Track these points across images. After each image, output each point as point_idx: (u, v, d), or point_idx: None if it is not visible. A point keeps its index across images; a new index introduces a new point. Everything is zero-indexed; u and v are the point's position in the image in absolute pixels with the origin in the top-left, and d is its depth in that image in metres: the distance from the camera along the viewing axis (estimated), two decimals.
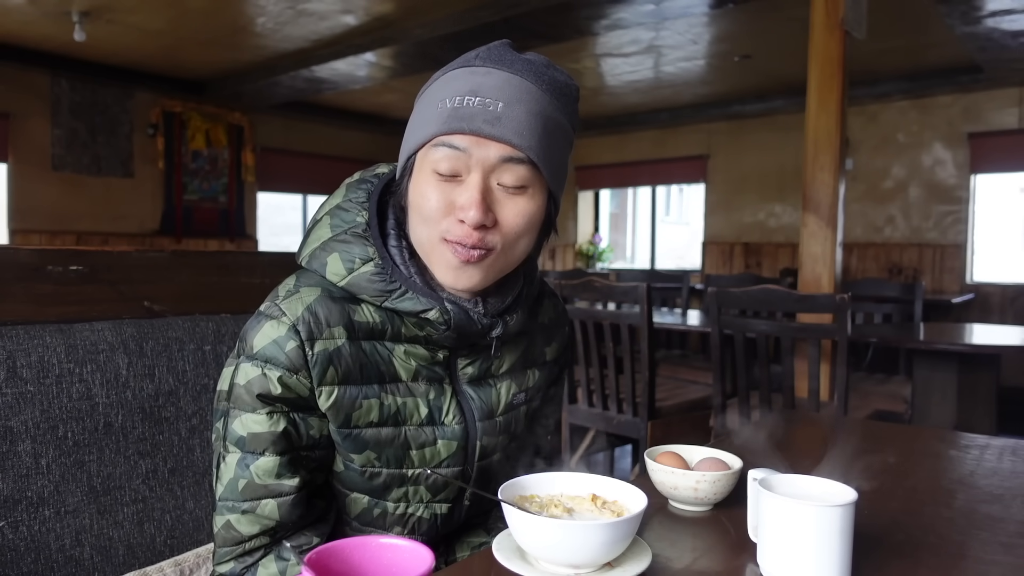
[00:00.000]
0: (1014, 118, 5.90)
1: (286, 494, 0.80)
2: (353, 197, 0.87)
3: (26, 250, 1.00)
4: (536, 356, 0.98)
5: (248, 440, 0.79)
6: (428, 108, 0.80)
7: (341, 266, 0.81)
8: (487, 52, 0.81)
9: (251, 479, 0.79)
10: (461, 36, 4.85)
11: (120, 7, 4.76)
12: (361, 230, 0.83)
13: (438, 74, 0.83)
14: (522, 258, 0.85)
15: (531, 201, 0.80)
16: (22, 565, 0.87)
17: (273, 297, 0.83)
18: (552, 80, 0.81)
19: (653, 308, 3.03)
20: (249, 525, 0.80)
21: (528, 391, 0.96)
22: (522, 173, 0.78)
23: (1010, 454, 1.13)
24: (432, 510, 0.89)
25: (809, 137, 3.14)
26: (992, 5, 4.10)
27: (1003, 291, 6.01)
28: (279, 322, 0.79)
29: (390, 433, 0.84)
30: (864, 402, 2.90)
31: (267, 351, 0.79)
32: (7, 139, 5.98)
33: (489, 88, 0.77)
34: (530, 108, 0.77)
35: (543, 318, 1.00)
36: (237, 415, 0.80)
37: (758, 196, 7.27)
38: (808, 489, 0.72)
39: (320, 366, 0.79)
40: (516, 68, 0.79)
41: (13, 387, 0.88)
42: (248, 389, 0.79)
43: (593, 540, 0.65)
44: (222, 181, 7.35)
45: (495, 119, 0.76)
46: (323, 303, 0.81)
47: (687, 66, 5.98)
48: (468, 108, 0.76)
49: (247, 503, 0.80)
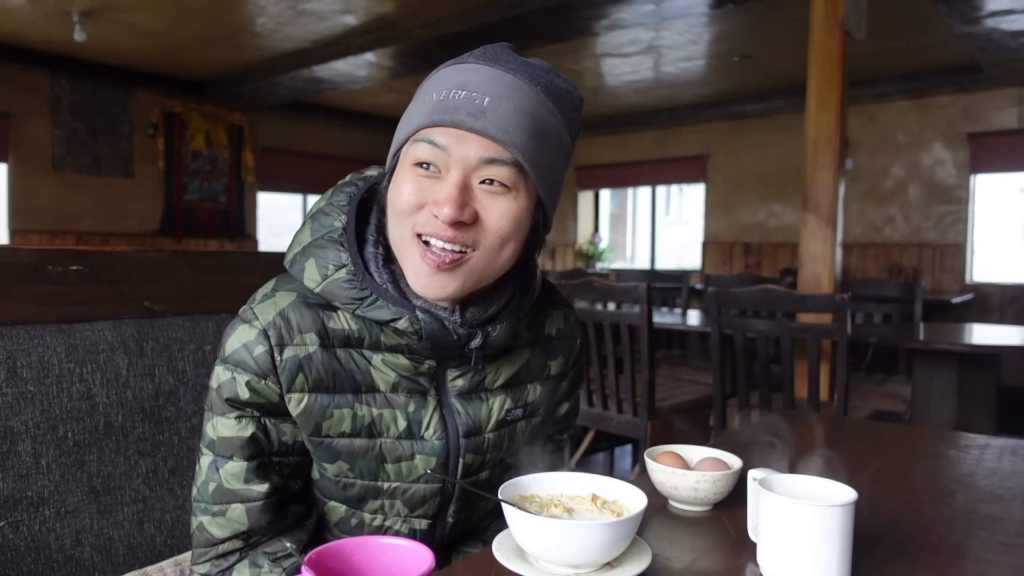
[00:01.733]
0: (1014, 118, 5.90)
1: (254, 499, 0.79)
2: (335, 201, 0.84)
3: (26, 250, 1.00)
4: (538, 370, 0.92)
5: (218, 443, 0.79)
6: (416, 104, 0.79)
7: (316, 272, 0.79)
8: (482, 51, 0.80)
9: (220, 482, 0.79)
10: (461, 36, 4.85)
11: (120, 7, 4.76)
12: (337, 235, 0.81)
13: (432, 72, 0.82)
14: (506, 266, 0.80)
15: (515, 203, 0.76)
16: (22, 565, 0.87)
17: (251, 301, 0.82)
18: (550, 84, 0.78)
19: (653, 308, 3.03)
20: (219, 528, 0.80)
21: (527, 407, 0.90)
22: (505, 173, 0.74)
23: (1010, 454, 1.13)
24: (411, 524, 0.87)
25: (809, 137, 3.14)
26: (992, 5, 4.09)
27: (1003, 291, 6.00)
28: (251, 326, 0.78)
29: (364, 444, 0.81)
30: (864, 402, 2.90)
31: (237, 355, 0.78)
32: (7, 139, 5.98)
33: (477, 83, 0.75)
34: (519, 105, 0.74)
35: (550, 329, 0.94)
36: (211, 417, 0.80)
37: (758, 196, 7.27)
38: (808, 489, 0.72)
39: (289, 372, 0.77)
40: (510, 67, 0.77)
41: (13, 387, 0.88)
42: (219, 393, 0.79)
43: (593, 540, 0.65)
44: (222, 181, 7.35)
45: (479, 112, 0.73)
46: (296, 309, 0.79)
47: (687, 66, 5.98)
48: (453, 101, 0.74)
49: (217, 506, 0.80)
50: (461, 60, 0.80)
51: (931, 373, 2.86)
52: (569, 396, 1.01)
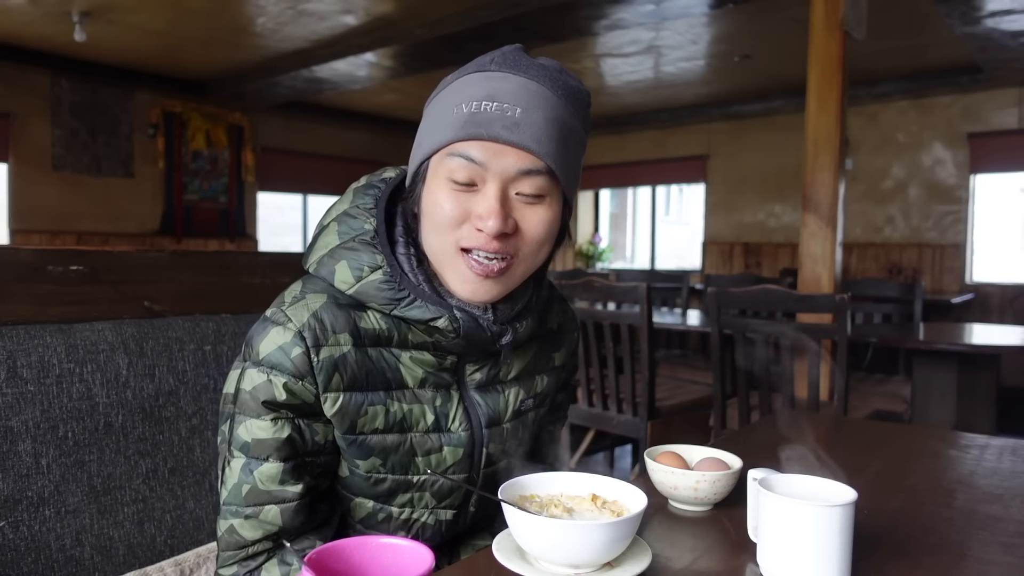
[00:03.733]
0: (1014, 118, 5.90)
1: (289, 500, 0.79)
2: (360, 203, 0.86)
3: (26, 250, 1.00)
4: (544, 362, 0.97)
5: (253, 446, 0.79)
6: (442, 113, 0.78)
7: (349, 274, 0.80)
8: (502, 57, 0.79)
9: (255, 484, 0.79)
10: (461, 36, 4.86)
11: (120, 7, 4.76)
12: (369, 237, 0.82)
13: (450, 78, 0.81)
14: (539, 267, 0.84)
15: (549, 209, 0.79)
16: (22, 565, 0.87)
17: (279, 303, 0.82)
18: (566, 86, 0.80)
19: (653, 308, 3.03)
20: (252, 530, 0.80)
21: (536, 397, 0.95)
22: (541, 183, 0.77)
23: (1010, 454, 1.13)
24: (437, 516, 0.89)
25: (809, 137, 3.15)
26: (992, 5, 4.10)
27: (1003, 291, 6.01)
28: (285, 328, 0.79)
29: (395, 440, 0.83)
30: (864, 402, 2.90)
31: (273, 357, 0.78)
32: (7, 139, 5.98)
33: (506, 93, 0.76)
34: (547, 115, 0.76)
35: (551, 323, 0.99)
36: (242, 420, 0.80)
37: (758, 196, 7.27)
38: (808, 489, 0.72)
39: (326, 372, 0.79)
40: (532, 73, 0.78)
41: (13, 387, 0.88)
42: (253, 395, 0.79)
43: (593, 540, 0.65)
44: (222, 181, 7.35)
45: (513, 125, 0.74)
46: (329, 310, 0.80)
47: (687, 66, 5.98)
48: (486, 113, 0.75)
49: (250, 508, 0.80)
50: (482, 67, 0.79)
51: (931, 373, 2.86)
52: (565, 386, 1.05)
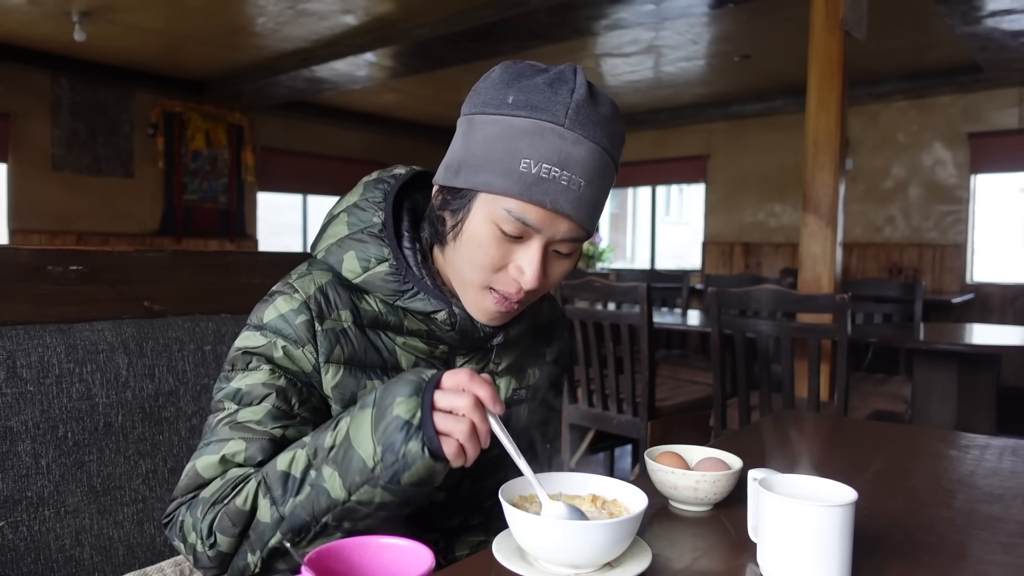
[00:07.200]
0: (1014, 118, 5.90)
1: (259, 437, 0.77)
2: (370, 196, 0.88)
3: (26, 250, 1.00)
4: (536, 355, 0.99)
5: (244, 391, 0.79)
6: (506, 155, 0.75)
7: (357, 264, 0.84)
8: (576, 111, 0.75)
9: (233, 419, 0.78)
10: (461, 36, 4.86)
11: (120, 7, 4.76)
12: (377, 230, 0.85)
13: (518, 108, 0.75)
14: None
15: (572, 258, 0.83)
16: (22, 565, 0.87)
17: (286, 279, 0.86)
18: (620, 137, 0.80)
19: (653, 308, 3.03)
20: (207, 464, 0.77)
21: (529, 389, 0.97)
22: (577, 245, 0.81)
23: (1010, 454, 1.13)
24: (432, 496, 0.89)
25: (809, 137, 3.15)
26: (992, 5, 4.10)
27: (1003, 291, 6.01)
28: (291, 297, 0.82)
29: None
30: (864, 402, 2.90)
31: (275, 323, 0.81)
32: (7, 139, 5.98)
33: (576, 164, 0.75)
34: (604, 186, 0.79)
35: (541, 318, 1.01)
36: (235, 376, 0.81)
37: (758, 196, 7.27)
38: (808, 489, 0.72)
39: (328, 342, 0.81)
40: (599, 134, 0.76)
41: (13, 387, 0.88)
42: (252, 351, 0.81)
43: (593, 540, 0.65)
44: (222, 181, 7.35)
45: (577, 200, 0.76)
46: (333, 287, 0.84)
47: (687, 66, 5.98)
48: (552, 182, 0.74)
49: (217, 443, 0.78)
50: (556, 119, 0.74)
51: (931, 373, 2.86)
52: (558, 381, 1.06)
